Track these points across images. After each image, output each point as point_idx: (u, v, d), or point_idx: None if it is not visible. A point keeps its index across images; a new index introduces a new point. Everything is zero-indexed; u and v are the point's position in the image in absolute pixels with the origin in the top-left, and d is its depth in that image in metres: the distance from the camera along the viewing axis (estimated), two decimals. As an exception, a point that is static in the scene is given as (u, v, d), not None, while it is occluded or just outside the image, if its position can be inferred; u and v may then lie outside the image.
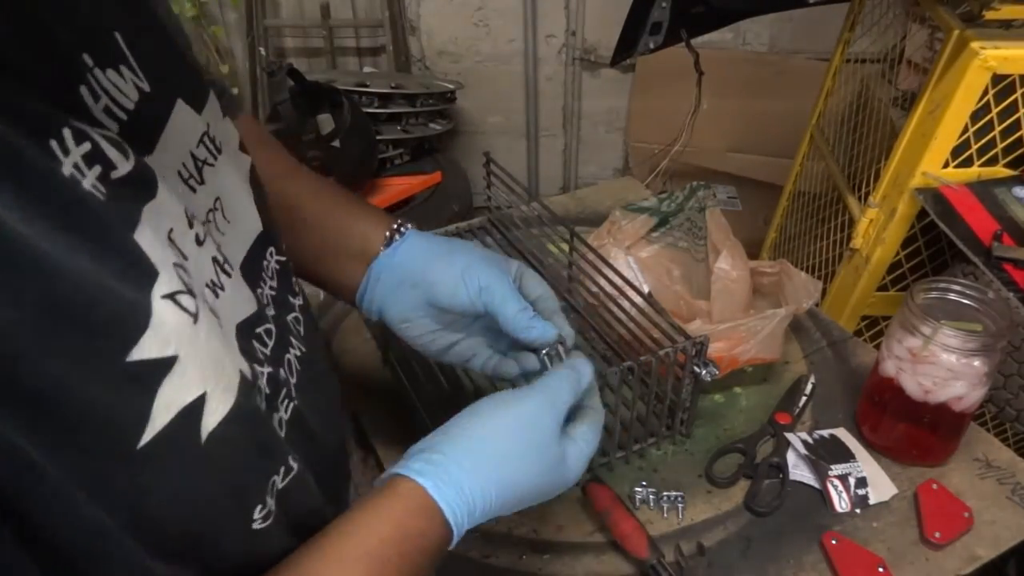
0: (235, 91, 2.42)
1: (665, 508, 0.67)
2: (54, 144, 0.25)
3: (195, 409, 0.30)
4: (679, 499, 0.68)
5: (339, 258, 0.58)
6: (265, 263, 0.44)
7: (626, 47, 1.15)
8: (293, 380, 0.43)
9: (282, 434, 0.39)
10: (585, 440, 0.49)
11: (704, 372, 0.67)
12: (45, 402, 0.24)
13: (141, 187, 0.30)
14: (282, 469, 0.38)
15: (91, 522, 0.27)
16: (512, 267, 0.57)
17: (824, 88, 1.36)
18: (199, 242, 0.34)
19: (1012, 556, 0.79)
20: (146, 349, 0.27)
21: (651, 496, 0.68)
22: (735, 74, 2.07)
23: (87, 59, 0.30)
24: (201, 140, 0.38)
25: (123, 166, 0.29)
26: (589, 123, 2.43)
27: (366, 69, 2.34)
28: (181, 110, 0.36)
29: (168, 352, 0.28)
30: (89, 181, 0.26)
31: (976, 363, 0.64)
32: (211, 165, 0.39)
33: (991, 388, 0.69)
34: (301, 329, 0.47)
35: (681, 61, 1.29)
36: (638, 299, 0.73)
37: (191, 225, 0.34)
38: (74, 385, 0.25)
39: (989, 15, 0.91)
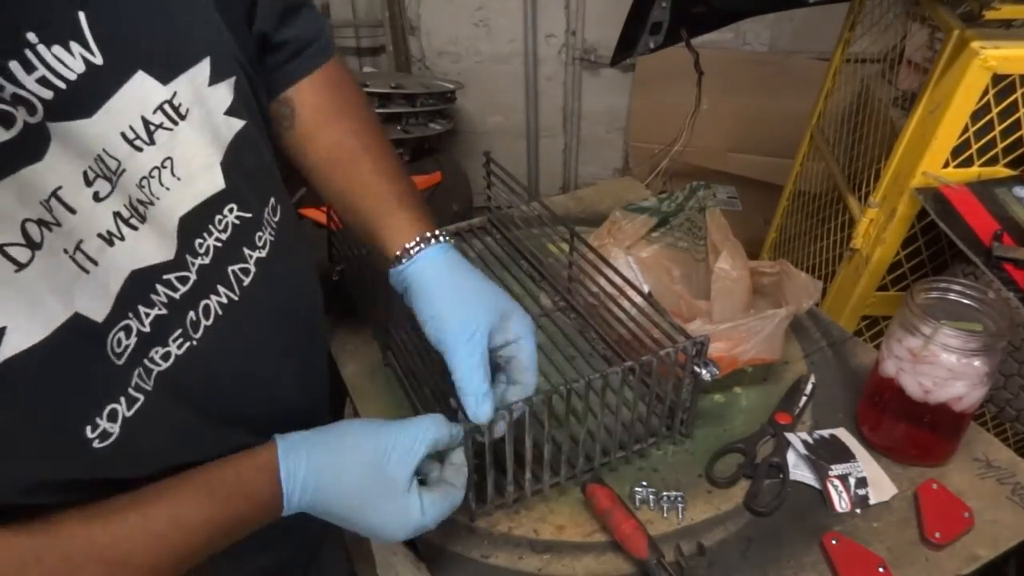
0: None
1: (665, 508, 0.67)
2: None
3: None
4: (679, 499, 0.68)
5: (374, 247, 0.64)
6: (219, 218, 0.49)
7: (626, 47, 1.15)
8: (206, 322, 0.48)
9: (162, 367, 0.46)
10: (431, 507, 0.53)
11: (704, 372, 0.67)
12: None
13: (19, 153, 0.36)
14: (123, 399, 0.43)
15: None
16: (497, 309, 0.58)
17: (824, 88, 1.36)
18: (98, 199, 0.40)
19: (1012, 556, 0.79)
20: None
21: (651, 496, 0.68)
22: (735, 74, 2.07)
23: (30, 36, 0.36)
24: (160, 107, 0.44)
25: (1, 135, 0.35)
26: (589, 123, 2.43)
27: (366, 69, 2.34)
28: (139, 80, 0.42)
29: None
30: None
31: (976, 363, 0.64)
32: (168, 129, 0.45)
33: (991, 388, 0.69)
34: (246, 280, 0.52)
35: (681, 61, 1.29)
36: (638, 299, 0.73)
37: (90, 183, 0.40)
38: None
39: (989, 15, 0.91)
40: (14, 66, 0.36)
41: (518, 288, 0.92)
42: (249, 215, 0.52)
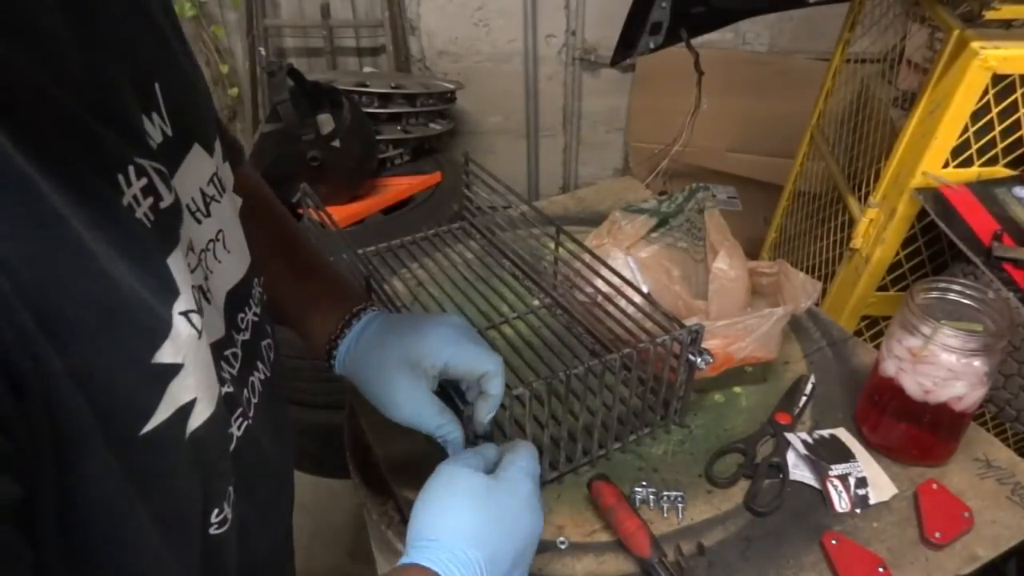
0: (235, 91, 2.42)
1: (665, 508, 0.67)
2: (120, 178, 0.32)
3: (186, 410, 0.34)
4: (679, 499, 0.68)
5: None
6: (253, 291, 0.49)
7: (626, 47, 1.15)
8: (255, 400, 0.47)
9: (230, 448, 0.43)
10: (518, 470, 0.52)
11: (699, 360, 0.67)
12: (87, 378, 0.29)
13: (177, 216, 0.36)
14: (234, 481, 0.41)
15: (107, 496, 0.32)
16: (406, 359, 0.57)
17: (824, 88, 1.36)
18: (191, 270, 0.39)
19: (1012, 556, 0.79)
20: (166, 354, 0.32)
21: (651, 496, 0.68)
22: (735, 74, 2.07)
23: (138, 104, 0.36)
24: (211, 179, 0.44)
25: (167, 198, 0.35)
26: (589, 123, 2.43)
27: (366, 69, 2.34)
28: (196, 153, 0.42)
29: (179, 359, 0.33)
30: (141, 211, 0.33)
31: (976, 363, 0.64)
32: (217, 202, 0.44)
33: (991, 388, 0.69)
34: (271, 355, 0.51)
35: (681, 61, 1.29)
36: (630, 293, 0.73)
37: (187, 255, 0.39)
38: (112, 371, 0.30)
39: (989, 15, 0.91)
40: (147, 127, 0.36)
41: (503, 288, 0.92)
42: (262, 289, 0.52)
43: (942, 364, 0.65)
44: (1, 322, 0.25)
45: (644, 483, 0.69)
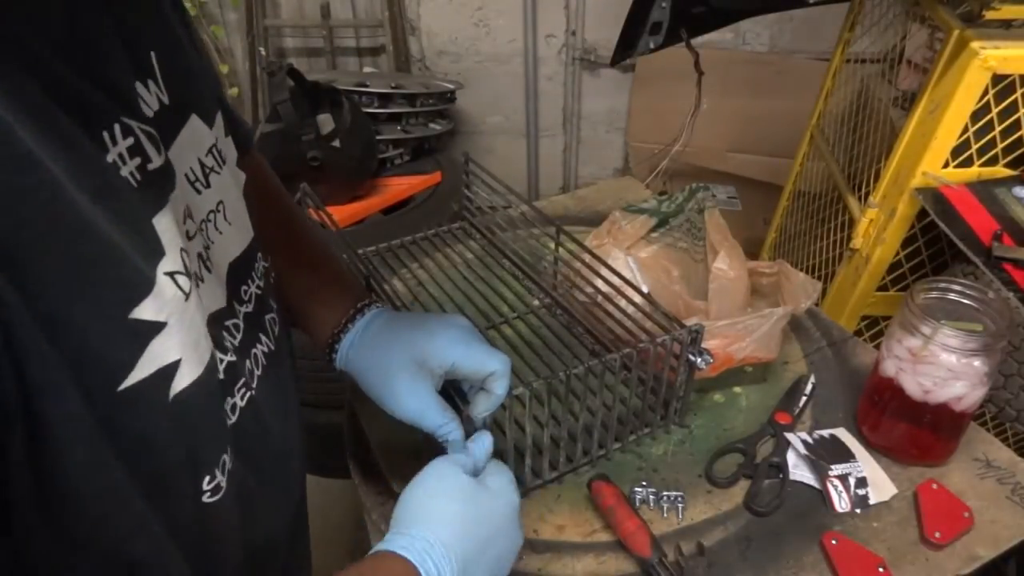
0: (235, 91, 2.42)
1: (665, 508, 0.67)
2: (105, 135, 0.32)
3: (169, 371, 0.34)
4: (679, 499, 0.68)
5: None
6: (256, 264, 0.49)
7: (626, 47, 1.15)
8: (257, 372, 0.47)
9: (232, 420, 0.43)
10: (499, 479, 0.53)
11: (699, 360, 0.67)
12: (60, 327, 0.29)
13: (167, 179, 0.37)
14: (229, 449, 0.41)
15: (84, 449, 0.31)
16: (412, 358, 0.57)
17: (824, 88, 1.36)
18: (189, 236, 0.40)
19: (1012, 556, 0.79)
20: (146, 311, 0.33)
21: (651, 496, 0.68)
22: (735, 74, 2.07)
23: (132, 71, 0.36)
24: (210, 150, 0.44)
25: (156, 160, 0.35)
26: (589, 123, 2.43)
27: (366, 69, 2.34)
28: (194, 123, 0.42)
29: (161, 318, 0.33)
30: (127, 170, 0.33)
31: (976, 363, 0.64)
32: (217, 173, 0.44)
33: (991, 388, 0.69)
34: (276, 330, 0.51)
35: (681, 61, 1.29)
36: (631, 293, 0.73)
37: (185, 221, 0.39)
38: (85, 326, 0.30)
39: (989, 15, 0.91)
40: (139, 90, 0.36)
41: (503, 288, 0.92)
42: (267, 264, 0.52)
43: (942, 364, 0.65)
44: None
45: (644, 483, 0.69)
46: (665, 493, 0.68)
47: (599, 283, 0.78)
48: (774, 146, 2.03)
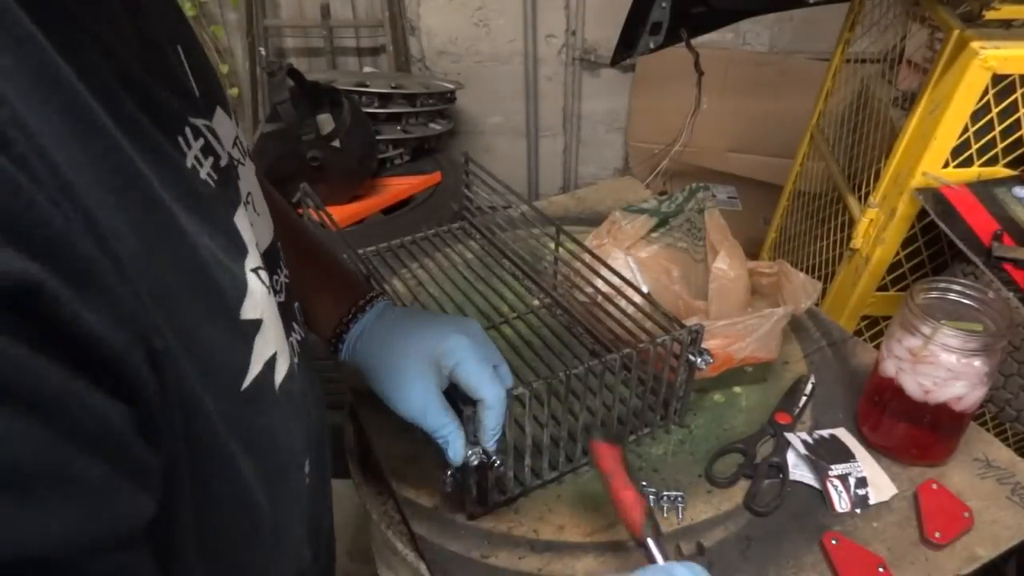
0: (235, 91, 2.42)
1: (665, 508, 0.67)
2: (181, 140, 0.31)
3: (272, 363, 0.35)
4: (679, 499, 0.68)
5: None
6: (281, 254, 0.49)
7: (626, 47, 1.15)
8: (295, 360, 0.47)
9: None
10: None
11: (699, 360, 0.67)
12: (189, 340, 0.28)
13: (234, 175, 0.36)
14: (306, 433, 0.42)
15: (224, 455, 0.31)
16: (426, 355, 0.57)
17: (824, 88, 1.36)
18: None
19: (1012, 556, 0.79)
20: (248, 311, 0.33)
21: (651, 496, 0.68)
22: (735, 74, 2.07)
23: (181, 65, 0.35)
24: (235, 142, 0.43)
25: (223, 157, 0.35)
26: (589, 123, 2.43)
27: (366, 69, 2.34)
28: (220, 115, 0.41)
29: (257, 315, 0.34)
30: (204, 171, 0.33)
31: (976, 363, 0.64)
32: (243, 164, 0.44)
33: (991, 388, 0.69)
34: (301, 318, 0.51)
35: (681, 61, 1.29)
36: (631, 293, 0.73)
37: None
38: (206, 336, 0.30)
39: (989, 15, 0.91)
40: (193, 86, 0.36)
41: (503, 288, 0.92)
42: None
43: (942, 364, 0.65)
44: (126, 293, 0.24)
45: (644, 483, 0.69)
46: (665, 493, 0.68)
47: (599, 283, 0.78)
48: (774, 146, 2.03)
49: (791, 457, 0.71)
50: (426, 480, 0.69)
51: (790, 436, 0.73)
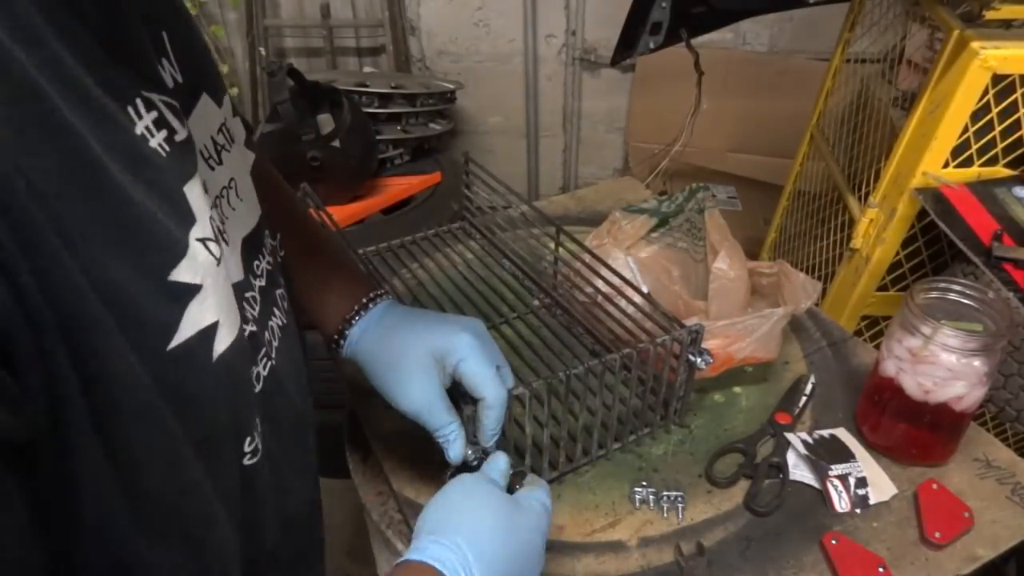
0: (235, 91, 2.42)
1: (665, 508, 0.67)
2: (131, 109, 0.33)
3: (210, 332, 0.36)
4: (679, 499, 0.68)
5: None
6: (265, 241, 0.50)
7: (626, 47, 1.15)
8: (275, 343, 0.48)
9: (257, 388, 0.44)
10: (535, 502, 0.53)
11: (699, 360, 0.67)
12: (110, 289, 0.30)
13: (192, 151, 0.38)
14: (261, 416, 0.42)
15: (138, 401, 0.32)
16: (428, 353, 0.57)
17: (824, 88, 1.36)
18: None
19: (1012, 556, 0.79)
20: (182, 274, 0.34)
21: (651, 496, 0.68)
22: (735, 74, 2.07)
23: (151, 46, 0.37)
24: (220, 128, 0.45)
25: (181, 132, 0.37)
26: (589, 123, 2.43)
27: (366, 69, 2.34)
28: (205, 101, 0.43)
29: (196, 280, 0.35)
30: (155, 141, 0.34)
31: (976, 363, 0.64)
32: (227, 151, 0.45)
33: (991, 388, 0.69)
34: (285, 304, 0.52)
35: (681, 61, 1.29)
36: (631, 293, 0.73)
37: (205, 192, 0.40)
38: (130, 288, 0.31)
39: (989, 15, 0.91)
40: (161, 66, 0.38)
41: (503, 288, 0.92)
42: (275, 243, 0.53)
43: (942, 364, 0.65)
44: (6, 231, 0.25)
45: (644, 483, 0.69)
46: (665, 493, 0.68)
47: (599, 283, 0.78)
48: (774, 146, 2.03)
49: (791, 457, 0.71)
50: (426, 480, 0.69)
51: (790, 436, 0.73)
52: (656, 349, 0.67)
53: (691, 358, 0.68)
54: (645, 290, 0.76)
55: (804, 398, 0.78)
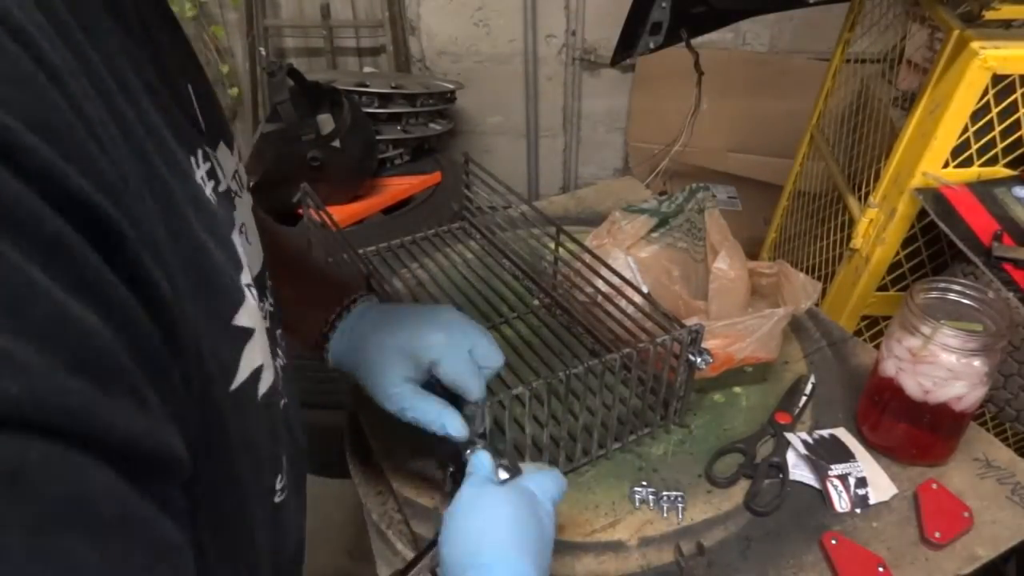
0: (235, 91, 2.42)
1: (665, 508, 0.67)
2: (192, 160, 0.35)
3: (257, 373, 0.37)
4: (679, 499, 0.68)
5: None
6: (267, 283, 0.50)
7: (626, 47, 1.15)
8: (281, 383, 0.48)
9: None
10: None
11: (699, 360, 0.67)
12: (190, 339, 0.30)
13: (231, 200, 0.40)
14: (286, 451, 0.43)
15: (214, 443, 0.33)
16: (405, 353, 0.58)
17: (824, 88, 1.36)
18: None
19: (1012, 556, 0.79)
20: (242, 319, 0.35)
21: (651, 496, 0.68)
22: (735, 74, 2.07)
23: (190, 97, 0.39)
24: (234, 175, 0.46)
25: (223, 182, 0.39)
26: (589, 123, 2.43)
27: (366, 69, 2.34)
28: (223, 150, 0.44)
29: (251, 324, 0.36)
30: (208, 190, 0.36)
31: (976, 363, 0.64)
32: (240, 196, 0.46)
33: (991, 388, 0.69)
34: (284, 343, 0.52)
35: (681, 61, 1.29)
36: (631, 293, 0.73)
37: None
38: (203, 332, 0.31)
39: (989, 15, 0.91)
40: (199, 119, 0.39)
41: (503, 288, 0.92)
42: (272, 283, 0.54)
43: (942, 364, 0.65)
44: (143, 273, 0.26)
45: (644, 483, 0.69)
46: (665, 493, 0.68)
47: (599, 283, 0.78)
48: (774, 146, 2.03)
49: (791, 457, 0.71)
50: (426, 480, 0.69)
51: (790, 436, 0.73)
52: (656, 349, 0.67)
53: (691, 358, 0.68)
54: (645, 290, 0.76)
55: (804, 398, 0.78)
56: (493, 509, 0.50)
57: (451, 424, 0.56)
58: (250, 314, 0.36)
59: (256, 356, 0.37)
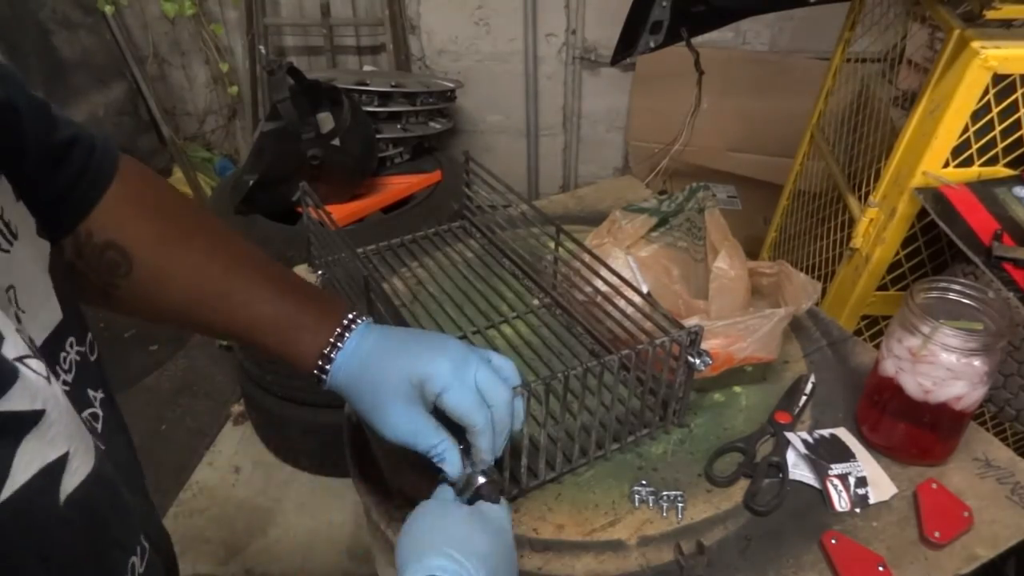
0: (235, 89, 2.42)
1: (665, 507, 0.67)
2: None
3: (56, 468, 0.29)
4: (679, 498, 0.68)
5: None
6: (63, 355, 0.41)
7: (626, 46, 1.15)
8: (109, 468, 0.41)
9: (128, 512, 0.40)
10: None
11: (698, 361, 0.67)
12: None
13: None
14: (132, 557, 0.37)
15: None
16: (407, 380, 0.55)
17: (824, 88, 1.36)
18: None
19: (1012, 556, 0.79)
20: (14, 401, 0.27)
21: (651, 495, 0.68)
22: (735, 74, 2.07)
23: None
24: None
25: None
26: (589, 122, 2.43)
27: (366, 67, 2.34)
28: None
29: (36, 406, 0.28)
30: None
31: (976, 363, 0.64)
32: (5, 252, 0.37)
33: (991, 388, 0.69)
34: (98, 426, 0.43)
35: (681, 61, 1.29)
36: (630, 293, 0.73)
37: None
38: None
39: (990, 15, 0.91)
40: None
41: (503, 287, 0.92)
42: (84, 349, 0.45)
43: (942, 364, 0.65)
44: None
45: (644, 483, 0.69)
46: (665, 492, 0.68)
47: (599, 283, 0.78)
48: (774, 146, 2.03)
49: (791, 456, 0.71)
50: (426, 480, 0.69)
51: (790, 435, 0.73)
52: (655, 350, 0.67)
53: (690, 359, 0.68)
54: (645, 290, 0.76)
55: (804, 397, 0.78)
56: (457, 520, 0.51)
57: (448, 463, 0.55)
58: (31, 393, 0.28)
59: (53, 445, 0.29)
